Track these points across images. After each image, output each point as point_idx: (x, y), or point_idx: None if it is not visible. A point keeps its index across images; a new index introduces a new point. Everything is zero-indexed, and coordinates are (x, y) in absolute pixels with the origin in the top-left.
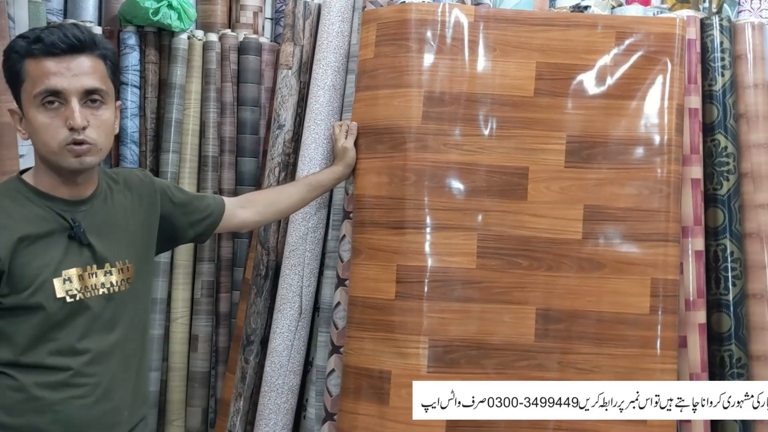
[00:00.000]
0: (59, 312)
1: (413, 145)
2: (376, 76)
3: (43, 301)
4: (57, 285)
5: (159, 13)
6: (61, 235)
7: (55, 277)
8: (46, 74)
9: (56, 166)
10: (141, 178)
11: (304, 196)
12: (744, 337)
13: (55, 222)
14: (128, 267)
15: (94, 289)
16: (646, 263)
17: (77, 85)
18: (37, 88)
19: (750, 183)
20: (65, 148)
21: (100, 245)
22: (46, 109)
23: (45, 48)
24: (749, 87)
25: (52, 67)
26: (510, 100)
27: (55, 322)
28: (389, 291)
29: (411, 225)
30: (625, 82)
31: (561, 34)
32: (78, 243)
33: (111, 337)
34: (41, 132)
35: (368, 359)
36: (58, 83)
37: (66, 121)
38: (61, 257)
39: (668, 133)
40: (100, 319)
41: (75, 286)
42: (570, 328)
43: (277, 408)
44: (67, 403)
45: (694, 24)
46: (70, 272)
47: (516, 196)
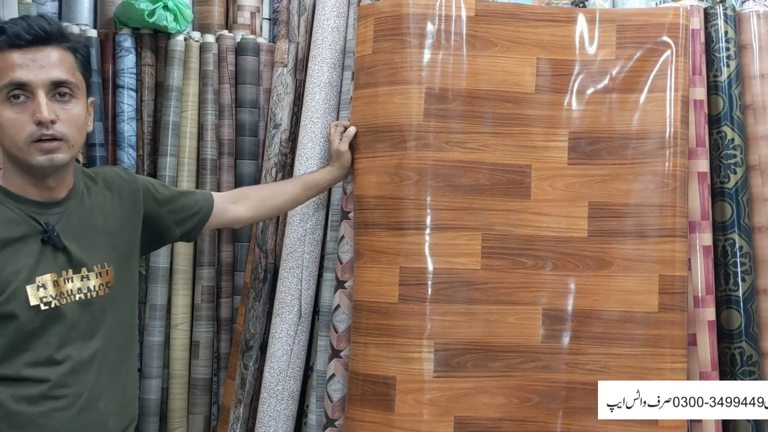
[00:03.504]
0: (34, 321)
1: (414, 144)
2: (375, 73)
3: (15, 310)
4: (30, 292)
5: (155, 14)
6: (33, 239)
7: (28, 284)
8: (11, 66)
9: (25, 164)
10: (122, 176)
11: (299, 195)
12: (755, 333)
13: (27, 225)
14: (107, 270)
15: (70, 295)
16: (653, 260)
17: (44, 77)
18: (1, 82)
19: (758, 176)
20: (33, 145)
21: (76, 249)
22: (12, 103)
23: (8, 39)
24: (755, 77)
25: (16, 59)
26: (511, 97)
27: (30, 332)
28: (392, 294)
29: (413, 226)
30: (628, 76)
31: (562, 29)
32: (52, 247)
33: (91, 345)
34: (7, 128)
35: (372, 365)
36: (24, 75)
37: (33, 115)
38: (34, 263)
39: (673, 126)
40: (78, 327)
41: (50, 293)
42: (577, 328)
43: (276, 414)
44: (48, 417)
45: (698, 13)
46: (44, 278)
47: (519, 194)
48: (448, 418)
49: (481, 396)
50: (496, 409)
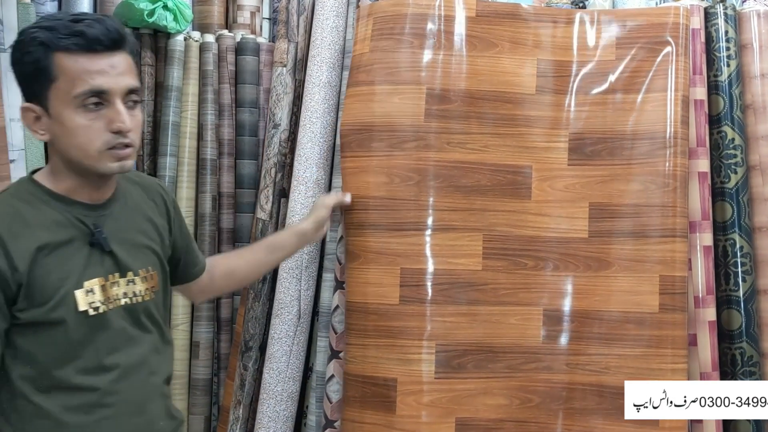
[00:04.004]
0: (82, 327)
1: (415, 144)
2: (372, 71)
3: (65, 316)
4: (79, 297)
5: (154, 14)
6: (81, 243)
7: (77, 288)
8: (89, 73)
9: (89, 170)
10: (162, 187)
11: (263, 260)
12: (755, 334)
13: (74, 228)
14: (152, 275)
15: (116, 299)
16: (654, 260)
17: (122, 84)
18: (79, 88)
19: (759, 175)
20: (106, 152)
21: (122, 252)
22: (87, 110)
23: (87, 43)
24: (756, 77)
25: (94, 64)
26: (512, 98)
27: (79, 338)
28: (393, 296)
29: (414, 226)
30: (628, 76)
31: (562, 30)
32: (99, 250)
33: (138, 350)
34: (78, 135)
35: (372, 367)
36: (104, 83)
37: (109, 123)
38: (82, 267)
39: (674, 126)
40: (125, 332)
41: (98, 298)
42: (578, 329)
43: (276, 416)
44: (100, 425)
45: (698, 13)
46: (92, 283)
47: (520, 195)
48: (449, 419)
49: (483, 397)
50: (497, 410)
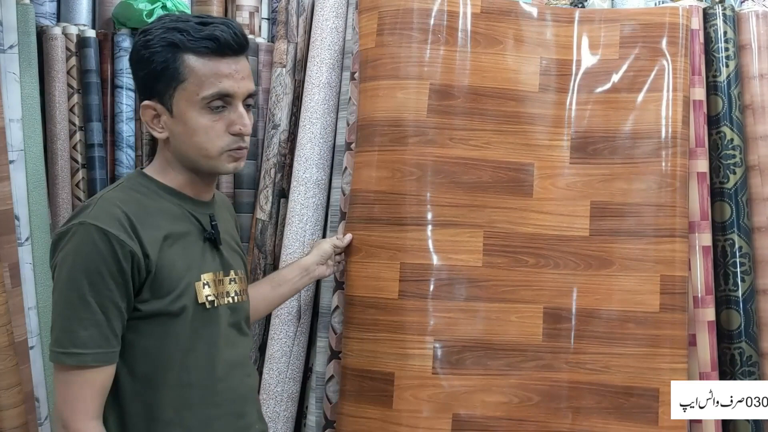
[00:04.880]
0: (198, 319)
1: (417, 139)
2: (378, 66)
3: (188, 305)
4: (198, 289)
5: (153, 14)
6: (195, 237)
7: (197, 280)
8: (218, 76)
9: (205, 169)
10: (226, 199)
11: (267, 295)
12: (754, 334)
13: (189, 222)
14: (242, 277)
15: (224, 296)
16: (654, 260)
17: (244, 88)
18: (207, 90)
19: (757, 176)
20: (225, 154)
21: (226, 250)
22: (212, 112)
23: (218, 47)
24: (754, 77)
25: (224, 68)
26: (515, 95)
27: (195, 331)
28: (392, 290)
29: (415, 221)
30: (628, 76)
31: (563, 30)
32: (211, 246)
33: (238, 350)
34: (200, 135)
35: (369, 361)
36: (230, 87)
37: (229, 125)
38: (200, 260)
39: (674, 126)
40: (229, 330)
41: (212, 291)
42: (578, 328)
43: (276, 416)
44: (208, 426)
45: (697, 14)
46: (208, 276)
47: (522, 192)
48: (446, 415)
49: (481, 394)
50: (495, 407)
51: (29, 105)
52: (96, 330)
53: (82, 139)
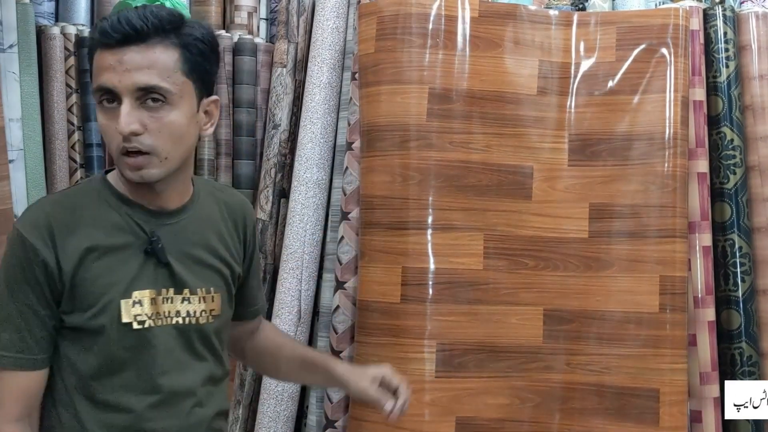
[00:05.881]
0: (124, 340)
1: (417, 144)
2: (378, 72)
3: (106, 325)
4: (124, 307)
5: None
6: (137, 250)
7: (123, 298)
8: (100, 69)
9: None
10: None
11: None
12: (754, 334)
13: (131, 234)
14: (213, 297)
15: (167, 317)
16: (654, 260)
17: (128, 82)
18: (94, 85)
19: (757, 176)
20: (121, 158)
21: (181, 267)
22: (104, 109)
23: (100, 37)
24: (754, 78)
25: (105, 60)
26: (514, 98)
27: (120, 352)
28: (394, 294)
29: (416, 225)
30: (628, 77)
31: (562, 32)
32: (155, 261)
33: (187, 377)
34: (104, 134)
35: (373, 365)
36: (108, 80)
37: (117, 125)
38: (133, 275)
39: (673, 127)
40: (173, 354)
41: (145, 311)
42: (578, 329)
43: (276, 416)
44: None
45: (697, 14)
46: (143, 294)
47: (521, 195)
48: (449, 418)
49: (483, 396)
50: (497, 409)
51: (29, 104)
52: (16, 335)
53: (81, 139)
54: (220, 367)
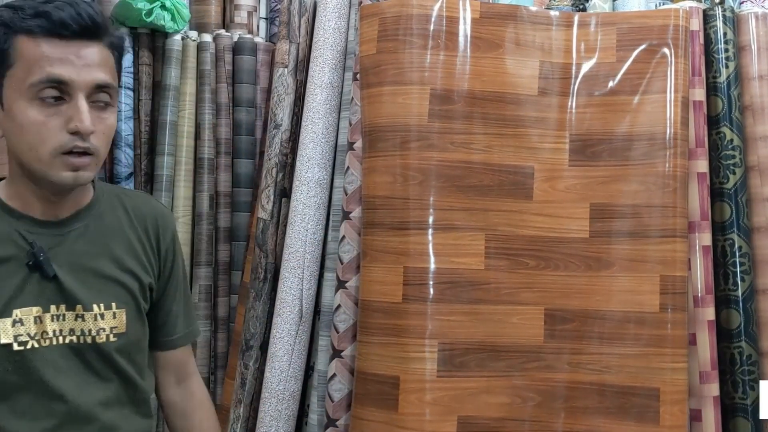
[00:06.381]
0: (5, 362)
1: (418, 144)
2: (379, 73)
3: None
4: (2, 327)
5: (152, 14)
6: (19, 264)
7: (2, 317)
8: (49, 59)
9: (40, 177)
10: (162, 215)
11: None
12: (754, 333)
13: (14, 246)
14: (115, 313)
15: (57, 336)
16: (654, 260)
17: (88, 78)
18: (35, 76)
19: (757, 176)
20: (60, 158)
21: (73, 281)
22: (42, 103)
23: (51, 26)
24: (754, 78)
25: (57, 51)
26: (515, 99)
27: (5, 376)
28: (396, 294)
29: (417, 225)
30: (628, 78)
31: (563, 33)
32: (39, 276)
33: (86, 399)
34: (31, 132)
35: (376, 364)
36: (65, 73)
37: (68, 122)
38: (13, 292)
39: (674, 127)
40: (70, 375)
41: (28, 330)
42: (579, 328)
43: (278, 414)
44: None
45: (697, 15)
46: (25, 312)
47: (522, 195)
48: (451, 417)
49: (485, 396)
50: (499, 408)
51: None
52: None
53: None
54: (131, 388)
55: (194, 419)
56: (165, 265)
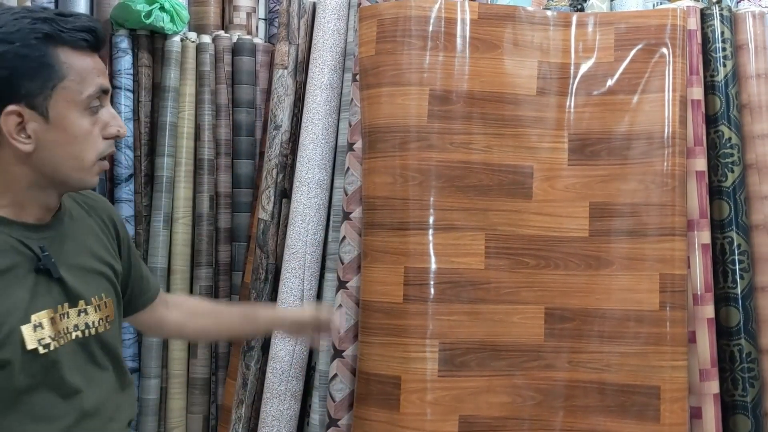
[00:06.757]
0: (31, 368)
1: (418, 145)
2: (378, 74)
3: (10, 357)
4: (26, 333)
5: (151, 15)
6: (25, 270)
7: (23, 323)
8: (96, 71)
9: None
10: (106, 203)
11: (234, 323)
12: (753, 330)
13: (15, 253)
14: (106, 303)
15: (67, 333)
16: (654, 258)
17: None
18: (91, 87)
19: (755, 174)
20: (97, 164)
21: (72, 278)
22: (91, 113)
23: (95, 41)
24: (751, 77)
25: (95, 63)
26: (514, 99)
27: (28, 381)
28: (397, 294)
29: (417, 226)
30: (626, 77)
31: (561, 33)
32: (47, 278)
33: (95, 391)
34: (80, 141)
35: (377, 364)
36: (106, 83)
37: (104, 128)
38: (28, 298)
39: (672, 126)
40: (80, 371)
41: (47, 333)
42: (579, 327)
43: (279, 414)
44: None
45: (695, 14)
46: (41, 316)
47: (521, 194)
48: (452, 417)
49: (486, 395)
50: (500, 407)
51: None
52: None
53: None
54: (123, 375)
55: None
56: (122, 245)
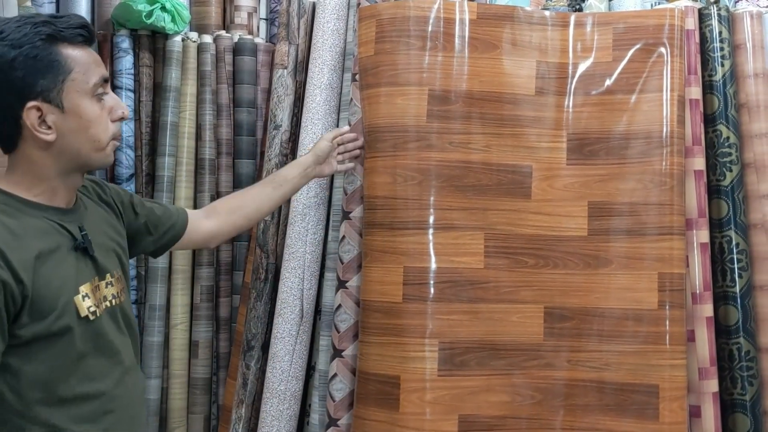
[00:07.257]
0: (85, 333)
1: (417, 144)
2: (378, 74)
3: (71, 323)
4: (78, 303)
5: (152, 15)
6: (67, 249)
7: (75, 295)
8: (95, 62)
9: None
10: (99, 184)
11: (270, 195)
12: (752, 329)
13: (58, 234)
14: (119, 277)
15: (102, 302)
16: (652, 258)
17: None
18: (95, 77)
19: (753, 173)
20: (111, 144)
21: (99, 255)
22: (99, 99)
23: (90, 36)
24: (749, 76)
25: (94, 55)
26: (512, 99)
27: (83, 345)
28: (396, 294)
29: (416, 225)
30: (625, 77)
31: (559, 33)
32: (83, 255)
33: (127, 352)
34: (95, 125)
35: (377, 364)
36: (106, 72)
37: (111, 112)
38: (74, 272)
39: (670, 125)
40: (116, 334)
41: (92, 302)
42: (578, 326)
43: (279, 414)
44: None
45: (693, 14)
46: (86, 288)
47: (520, 194)
48: (452, 416)
49: (485, 394)
50: (500, 407)
51: None
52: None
53: None
54: (136, 341)
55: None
56: (125, 207)
